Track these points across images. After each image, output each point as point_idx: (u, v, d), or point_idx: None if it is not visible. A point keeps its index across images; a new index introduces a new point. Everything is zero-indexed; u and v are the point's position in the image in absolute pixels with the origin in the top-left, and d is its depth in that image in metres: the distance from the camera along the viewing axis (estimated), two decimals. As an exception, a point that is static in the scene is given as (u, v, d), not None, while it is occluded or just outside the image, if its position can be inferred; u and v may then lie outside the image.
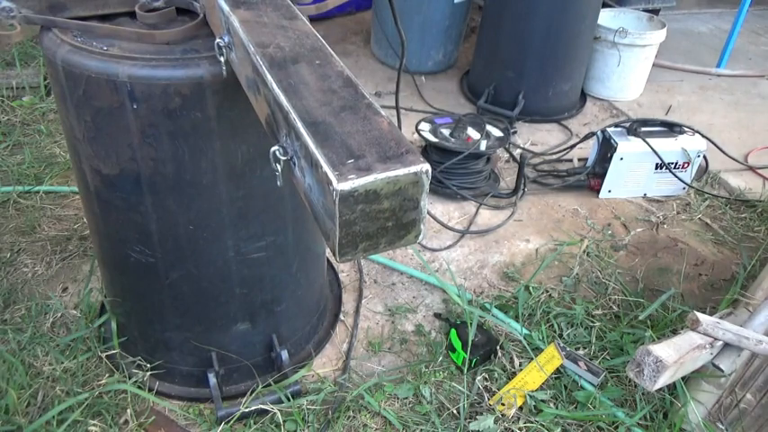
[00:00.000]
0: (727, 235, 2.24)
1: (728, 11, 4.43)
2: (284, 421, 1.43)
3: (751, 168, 2.66)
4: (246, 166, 1.15)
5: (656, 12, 3.42)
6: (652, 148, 2.29)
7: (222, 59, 0.86)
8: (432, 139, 2.27)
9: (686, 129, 2.42)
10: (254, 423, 1.44)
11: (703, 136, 2.41)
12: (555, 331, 1.74)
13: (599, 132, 2.41)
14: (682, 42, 3.95)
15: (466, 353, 1.58)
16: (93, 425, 1.38)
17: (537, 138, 2.83)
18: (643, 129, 2.37)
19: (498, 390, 1.56)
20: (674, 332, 1.66)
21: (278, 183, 0.59)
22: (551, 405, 1.53)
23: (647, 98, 3.25)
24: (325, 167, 0.48)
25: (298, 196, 0.59)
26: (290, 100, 0.57)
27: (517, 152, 2.63)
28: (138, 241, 1.23)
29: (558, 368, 1.61)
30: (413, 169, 0.49)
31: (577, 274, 1.99)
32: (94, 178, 1.17)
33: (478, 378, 1.57)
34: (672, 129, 2.41)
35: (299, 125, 0.54)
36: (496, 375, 1.60)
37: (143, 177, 1.12)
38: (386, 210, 0.49)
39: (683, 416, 1.44)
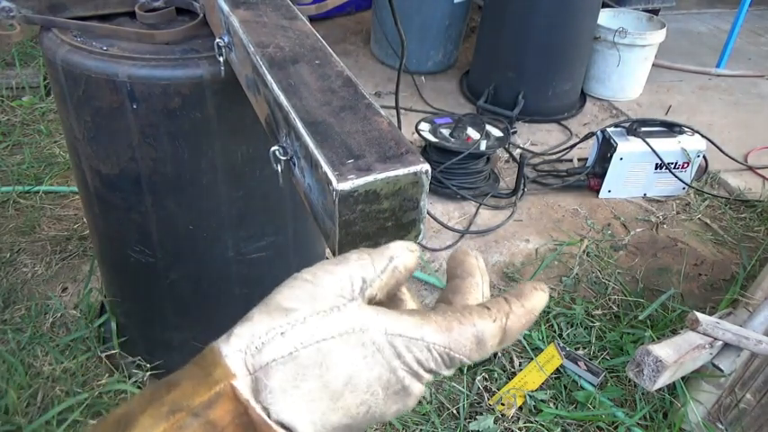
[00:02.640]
0: (726, 235, 2.24)
1: (728, 11, 4.43)
2: (284, 421, 1.43)
3: (751, 168, 2.66)
4: (246, 166, 1.15)
5: (655, 12, 3.43)
6: (652, 148, 2.30)
7: (222, 59, 0.86)
8: (431, 139, 2.27)
9: (686, 129, 2.42)
10: (254, 423, 1.44)
11: (703, 136, 2.41)
12: (555, 331, 1.74)
13: (599, 132, 2.41)
14: (681, 42, 3.95)
15: (466, 353, 1.58)
16: (93, 425, 1.38)
17: (537, 138, 2.83)
18: (643, 129, 2.37)
19: (498, 390, 1.56)
20: (674, 332, 1.66)
21: (280, 182, 0.59)
22: (551, 405, 1.54)
23: (646, 98, 3.25)
24: (325, 167, 0.48)
25: (297, 196, 0.59)
26: (290, 100, 0.57)
27: (517, 152, 2.63)
28: (137, 241, 1.23)
29: (557, 368, 1.61)
30: (413, 169, 0.48)
31: (577, 274, 1.99)
32: (94, 178, 1.17)
33: (478, 378, 1.57)
34: (671, 129, 2.41)
35: (299, 125, 0.53)
36: (496, 375, 1.60)
37: (143, 177, 1.12)
38: (386, 210, 0.49)
39: (682, 416, 1.44)
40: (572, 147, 2.60)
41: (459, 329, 0.38)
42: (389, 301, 0.43)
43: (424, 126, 2.36)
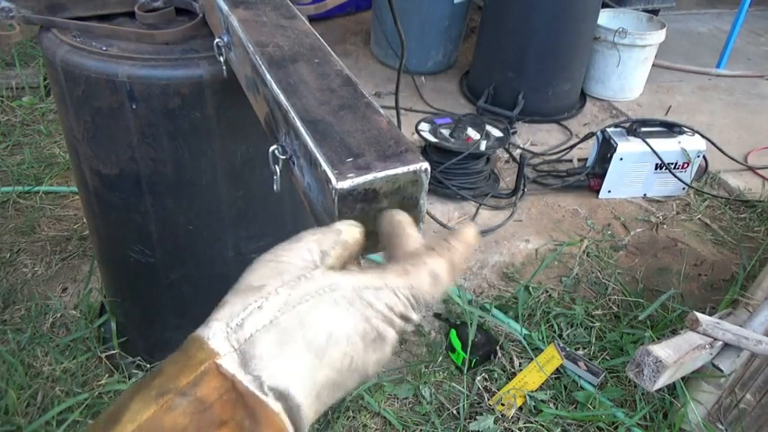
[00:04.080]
0: (726, 235, 2.24)
1: (728, 11, 4.43)
2: (284, 421, 1.43)
3: (751, 168, 2.66)
4: (246, 165, 1.14)
5: (655, 12, 3.43)
6: (652, 149, 2.29)
7: (221, 59, 0.86)
8: (431, 139, 2.27)
9: (686, 129, 2.42)
10: (254, 423, 1.43)
11: (703, 136, 2.41)
12: (555, 331, 1.73)
13: (599, 133, 2.41)
14: (681, 43, 3.95)
15: (466, 353, 1.58)
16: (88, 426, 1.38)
17: (537, 138, 2.83)
18: (643, 129, 2.37)
19: (498, 390, 1.56)
20: (674, 332, 1.66)
21: (276, 188, 0.59)
22: (551, 405, 1.53)
23: (646, 98, 3.25)
24: (325, 166, 0.48)
25: (297, 196, 0.59)
26: (289, 99, 0.57)
27: (517, 152, 2.63)
28: (137, 241, 1.23)
29: (557, 368, 1.61)
30: (412, 168, 0.48)
31: (577, 274, 1.99)
32: (94, 178, 1.17)
33: (478, 378, 1.57)
34: (671, 129, 2.41)
35: (298, 124, 0.53)
36: (496, 375, 1.60)
37: (142, 177, 1.12)
38: (385, 208, 0.49)
39: (682, 416, 1.43)
40: (572, 147, 2.60)
41: (415, 271, 0.42)
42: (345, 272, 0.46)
43: (424, 126, 2.36)
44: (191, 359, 0.36)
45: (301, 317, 0.38)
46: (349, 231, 0.46)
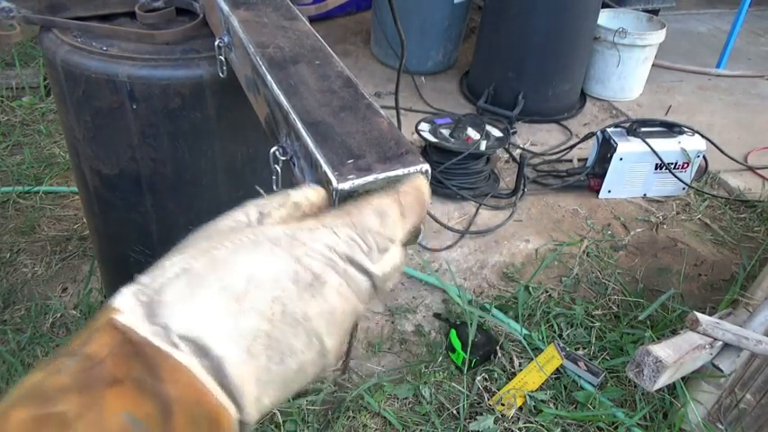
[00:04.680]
0: (726, 235, 2.24)
1: (728, 11, 4.43)
2: (284, 422, 1.43)
3: (751, 168, 2.66)
4: (246, 166, 1.15)
5: (655, 12, 3.43)
6: (652, 149, 2.30)
7: (222, 59, 0.86)
8: (431, 139, 2.27)
9: (686, 129, 2.42)
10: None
11: (703, 136, 2.41)
12: (555, 331, 1.74)
13: (599, 133, 2.41)
14: (681, 43, 3.95)
15: (466, 353, 1.58)
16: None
17: (537, 138, 2.83)
18: (643, 129, 2.37)
19: (498, 390, 1.56)
20: (674, 332, 1.66)
21: (274, 187, 0.59)
22: (551, 405, 1.54)
23: (646, 98, 3.25)
24: (325, 167, 0.48)
25: (297, 196, 0.58)
26: (290, 100, 0.57)
27: (517, 152, 2.63)
28: (137, 241, 1.23)
29: (557, 368, 1.61)
30: (413, 169, 0.48)
31: (577, 274, 1.99)
32: (94, 178, 1.17)
33: (478, 378, 1.57)
34: (671, 129, 2.41)
35: (299, 125, 0.53)
36: (496, 375, 1.60)
37: (143, 177, 1.12)
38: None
39: (682, 416, 1.44)
40: (572, 147, 2.60)
41: (357, 210, 0.39)
42: None
43: (424, 126, 2.36)
44: (93, 323, 0.33)
45: (216, 261, 0.34)
46: (301, 193, 0.43)
